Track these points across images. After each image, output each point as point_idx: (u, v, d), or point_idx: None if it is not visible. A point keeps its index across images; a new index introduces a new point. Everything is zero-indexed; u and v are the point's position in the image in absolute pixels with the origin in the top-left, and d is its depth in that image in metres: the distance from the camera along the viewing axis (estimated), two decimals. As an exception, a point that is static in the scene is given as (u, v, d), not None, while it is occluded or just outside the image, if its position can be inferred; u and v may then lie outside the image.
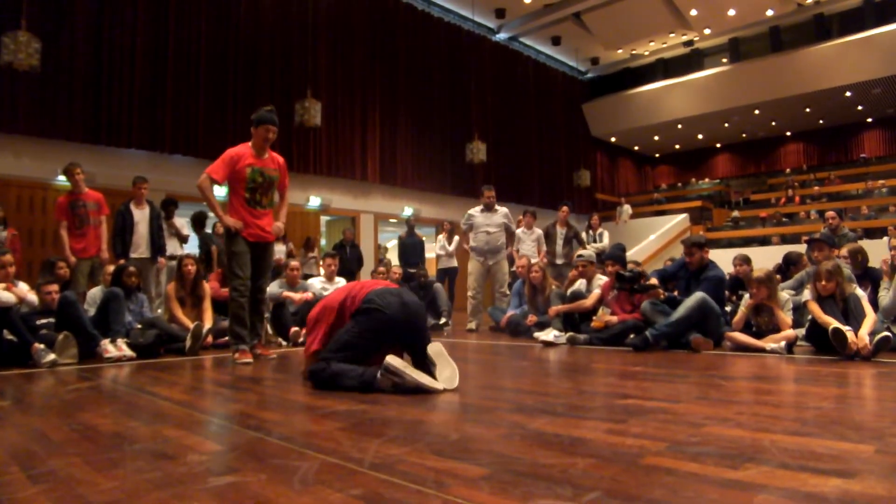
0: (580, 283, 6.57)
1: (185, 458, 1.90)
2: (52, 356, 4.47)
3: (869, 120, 21.53)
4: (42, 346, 4.50)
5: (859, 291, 4.64)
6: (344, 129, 13.83)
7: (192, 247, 8.87)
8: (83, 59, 10.03)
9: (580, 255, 6.86)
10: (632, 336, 5.19)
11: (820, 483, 1.52)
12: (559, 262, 8.76)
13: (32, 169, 9.73)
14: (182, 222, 8.68)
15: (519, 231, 9.05)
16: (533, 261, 8.20)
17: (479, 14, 17.30)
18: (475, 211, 8.10)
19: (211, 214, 6.47)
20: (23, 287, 4.94)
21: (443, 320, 8.24)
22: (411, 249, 10.86)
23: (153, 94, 10.82)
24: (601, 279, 6.36)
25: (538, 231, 8.99)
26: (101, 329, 5.06)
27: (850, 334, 4.08)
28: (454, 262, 10.65)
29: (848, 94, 18.59)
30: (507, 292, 7.95)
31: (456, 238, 10.67)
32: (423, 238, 11.56)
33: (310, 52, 13.15)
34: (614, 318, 5.63)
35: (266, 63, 12.45)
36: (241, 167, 4.85)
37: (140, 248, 7.34)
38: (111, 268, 6.28)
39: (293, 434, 2.22)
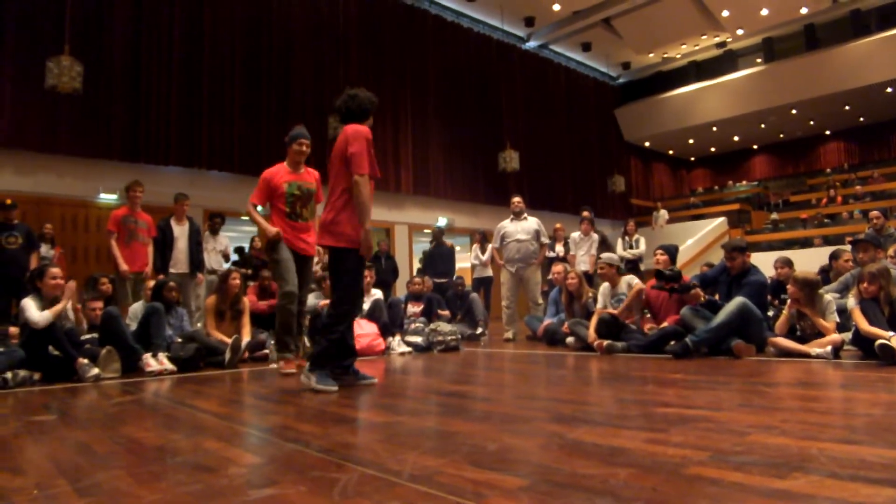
0: (603, 288, 6.43)
1: (226, 471, 1.92)
2: (95, 370, 4.56)
3: (912, 115, 20.93)
4: (86, 360, 4.60)
5: (907, 294, 4.48)
6: (376, 142, 13.70)
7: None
8: (122, 81, 10.33)
9: (599, 258, 6.78)
10: (671, 343, 5.10)
11: (872, 493, 1.47)
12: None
13: (74, 188, 10.02)
14: (227, 241, 8.80)
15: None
16: (583, 268, 8.13)
17: (508, 23, 17.32)
18: (505, 222, 8.07)
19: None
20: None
21: (479, 330, 8.20)
22: (440, 259, 10.80)
23: (190, 113, 11.08)
24: (634, 280, 6.24)
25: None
26: (142, 343, 5.15)
27: (894, 341, 3.95)
28: (489, 272, 10.61)
29: (889, 90, 18.11)
30: (540, 302, 7.89)
31: (489, 247, 10.63)
32: (457, 248, 11.47)
33: (341, 66, 13.30)
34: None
35: (298, 79, 12.64)
36: (278, 183, 4.95)
37: (179, 263, 7.48)
38: (151, 283, 6.40)
39: (332, 446, 2.22)
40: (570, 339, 6.28)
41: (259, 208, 4.97)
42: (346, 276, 3.82)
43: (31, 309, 4.61)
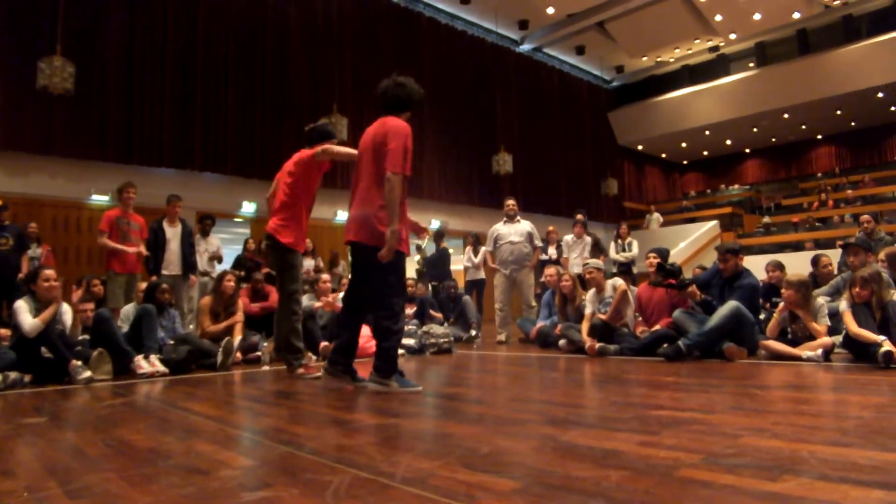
0: (590, 294, 6.44)
1: (218, 473, 1.92)
2: (88, 373, 4.54)
3: (902, 121, 21.06)
4: (79, 362, 4.57)
5: (899, 298, 4.50)
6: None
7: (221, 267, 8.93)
8: (115, 82, 10.29)
9: (586, 264, 6.79)
10: (664, 346, 5.12)
11: (862, 496, 1.48)
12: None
13: (67, 189, 9.98)
14: (218, 242, 8.76)
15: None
16: (576, 271, 8.18)
17: (502, 26, 17.35)
18: (498, 224, 8.07)
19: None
20: (65, 308, 5.05)
21: (473, 332, 8.20)
22: (437, 262, 10.75)
23: (183, 114, 11.06)
24: (617, 282, 6.26)
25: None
26: (134, 345, 5.12)
27: (887, 344, 3.97)
28: (482, 274, 10.58)
29: (880, 95, 18.23)
30: (534, 304, 7.89)
31: (482, 249, 10.60)
32: (451, 249, 11.42)
33: (336, 68, 13.30)
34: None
35: (293, 81, 12.63)
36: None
37: (172, 265, 7.45)
38: (143, 285, 6.37)
39: (325, 448, 2.22)
40: (562, 342, 6.28)
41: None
42: (391, 275, 3.70)
43: (23, 314, 4.58)
